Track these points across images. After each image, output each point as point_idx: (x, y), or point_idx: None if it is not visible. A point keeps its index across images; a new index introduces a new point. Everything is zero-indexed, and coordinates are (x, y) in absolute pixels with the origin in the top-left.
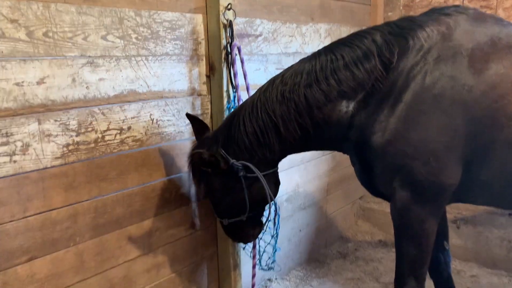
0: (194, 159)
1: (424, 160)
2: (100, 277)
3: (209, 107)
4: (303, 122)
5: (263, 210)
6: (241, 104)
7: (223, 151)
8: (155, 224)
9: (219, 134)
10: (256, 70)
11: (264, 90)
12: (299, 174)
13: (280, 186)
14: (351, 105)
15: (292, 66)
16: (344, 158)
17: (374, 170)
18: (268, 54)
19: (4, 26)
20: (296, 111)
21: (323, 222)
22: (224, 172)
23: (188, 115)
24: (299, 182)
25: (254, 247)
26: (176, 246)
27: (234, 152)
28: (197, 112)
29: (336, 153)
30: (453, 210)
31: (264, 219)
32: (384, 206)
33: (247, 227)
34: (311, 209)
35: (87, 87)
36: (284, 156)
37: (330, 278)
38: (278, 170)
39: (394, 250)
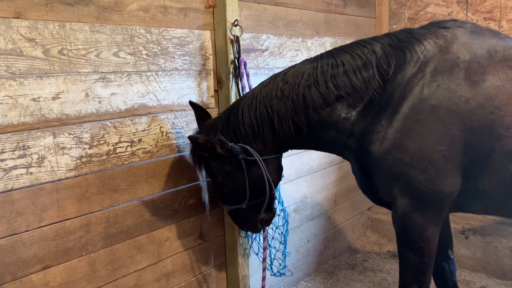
0: (191, 143)
1: (422, 168)
2: (112, 286)
3: None
4: (298, 121)
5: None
6: (242, 96)
7: (222, 137)
8: (165, 234)
9: (219, 121)
10: None
11: (265, 85)
12: (307, 185)
13: (287, 197)
14: (352, 114)
15: (294, 65)
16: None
17: (374, 178)
18: (274, 68)
19: (22, 45)
20: (293, 110)
21: (331, 233)
22: (223, 157)
23: (191, 103)
24: (306, 193)
25: (265, 249)
26: (185, 256)
27: (231, 140)
28: None
29: (343, 163)
30: (462, 221)
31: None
32: None
33: (253, 215)
34: (319, 220)
35: (99, 102)
36: (283, 148)
37: None
38: (286, 181)
39: None
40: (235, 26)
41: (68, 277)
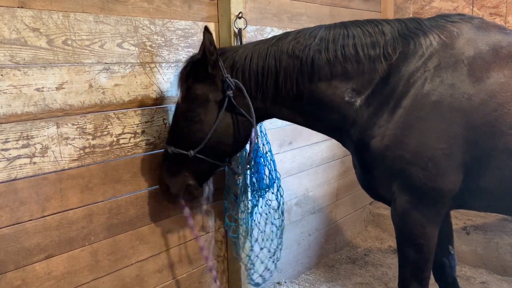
0: (204, 33)
1: (422, 166)
2: (114, 276)
3: None
4: (301, 83)
5: (216, 167)
6: (254, 42)
7: (221, 62)
8: (167, 225)
9: (228, 53)
10: None
11: (278, 38)
12: (309, 179)
13: (289, 190)
14: (356, 99)
15: (308, 28)
16: None
17: (373, 173)
18: None
19: (27, 35)
20: (299, 70)
21: (333, 227)
22: (210, 84)
23: (206, 28)
24: (308, 187)
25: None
26: (186, 248)
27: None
28: None
29: (345, 158)
30: (463, 217)
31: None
32: None
33: (187, 174)
34: (320, 214)
35: (103, 93)
36: (270, 113)
37: (339, 283)
38: (288, 175)
39: None
40: (239, 18)
41: (70, 267)
